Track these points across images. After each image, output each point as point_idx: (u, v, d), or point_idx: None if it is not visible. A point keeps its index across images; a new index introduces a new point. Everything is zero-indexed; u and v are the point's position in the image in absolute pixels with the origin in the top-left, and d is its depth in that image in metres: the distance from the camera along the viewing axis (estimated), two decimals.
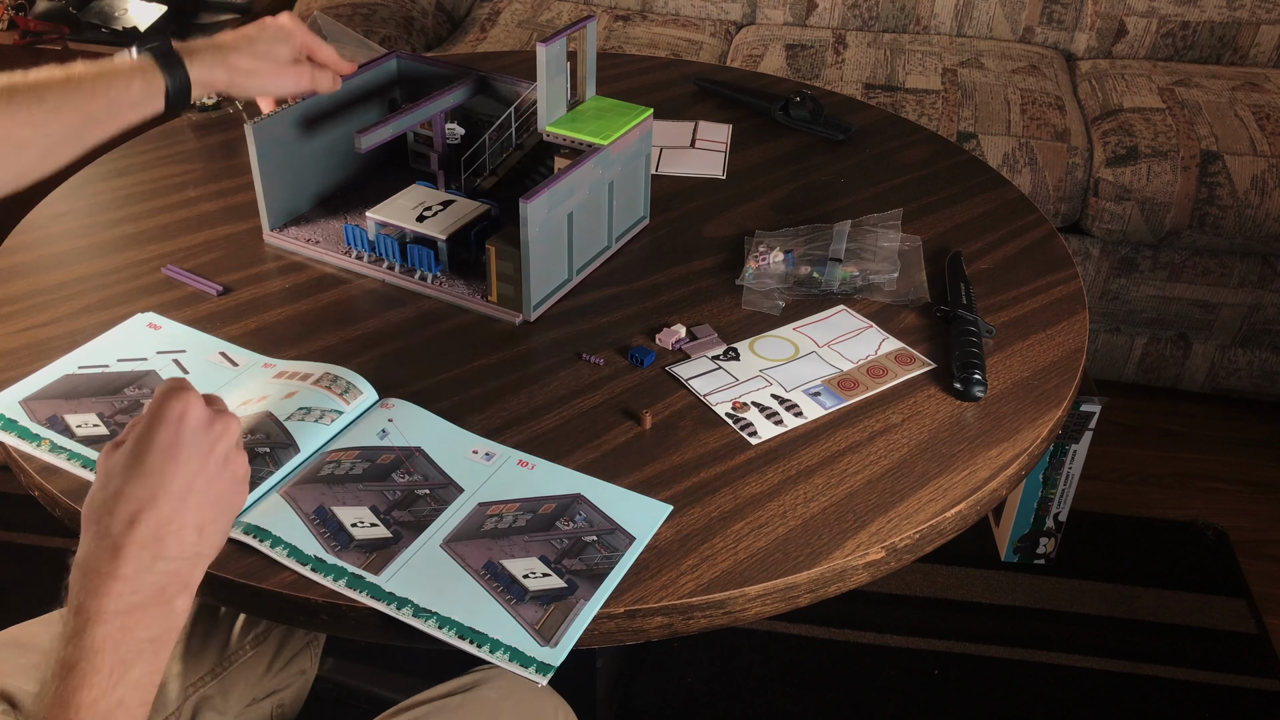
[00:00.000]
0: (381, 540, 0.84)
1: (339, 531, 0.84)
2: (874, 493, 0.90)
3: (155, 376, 0.99)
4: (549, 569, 0.82)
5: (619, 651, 1.61)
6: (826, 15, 2.59)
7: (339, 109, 1.24)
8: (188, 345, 1.04)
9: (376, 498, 0.87)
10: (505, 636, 0.77)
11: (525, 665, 0.75)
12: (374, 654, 1.61)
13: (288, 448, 0.90)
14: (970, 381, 0.99)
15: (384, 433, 0.94)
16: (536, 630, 0.78)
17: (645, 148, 1.19)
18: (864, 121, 1.51)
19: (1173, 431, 2.22)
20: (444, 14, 2.57)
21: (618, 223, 1.19)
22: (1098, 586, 1.86)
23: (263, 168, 1.17)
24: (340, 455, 0.91)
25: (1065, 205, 2.09)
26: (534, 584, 0.81)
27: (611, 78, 1.64)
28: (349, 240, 1.17)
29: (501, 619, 0.78)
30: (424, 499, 0.88)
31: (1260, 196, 2.00)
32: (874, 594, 1.83)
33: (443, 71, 1.30)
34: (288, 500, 0.87)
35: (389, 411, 0.96)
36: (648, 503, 0.88)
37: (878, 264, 1.17)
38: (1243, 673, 1.72)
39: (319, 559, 0.82)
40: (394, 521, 0.86)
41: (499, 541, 0.84)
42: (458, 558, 0.83)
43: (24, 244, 1.21)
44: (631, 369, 1.03)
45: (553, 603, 0.80)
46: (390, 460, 0.91)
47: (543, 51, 1.09)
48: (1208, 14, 2.41)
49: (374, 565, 0.82)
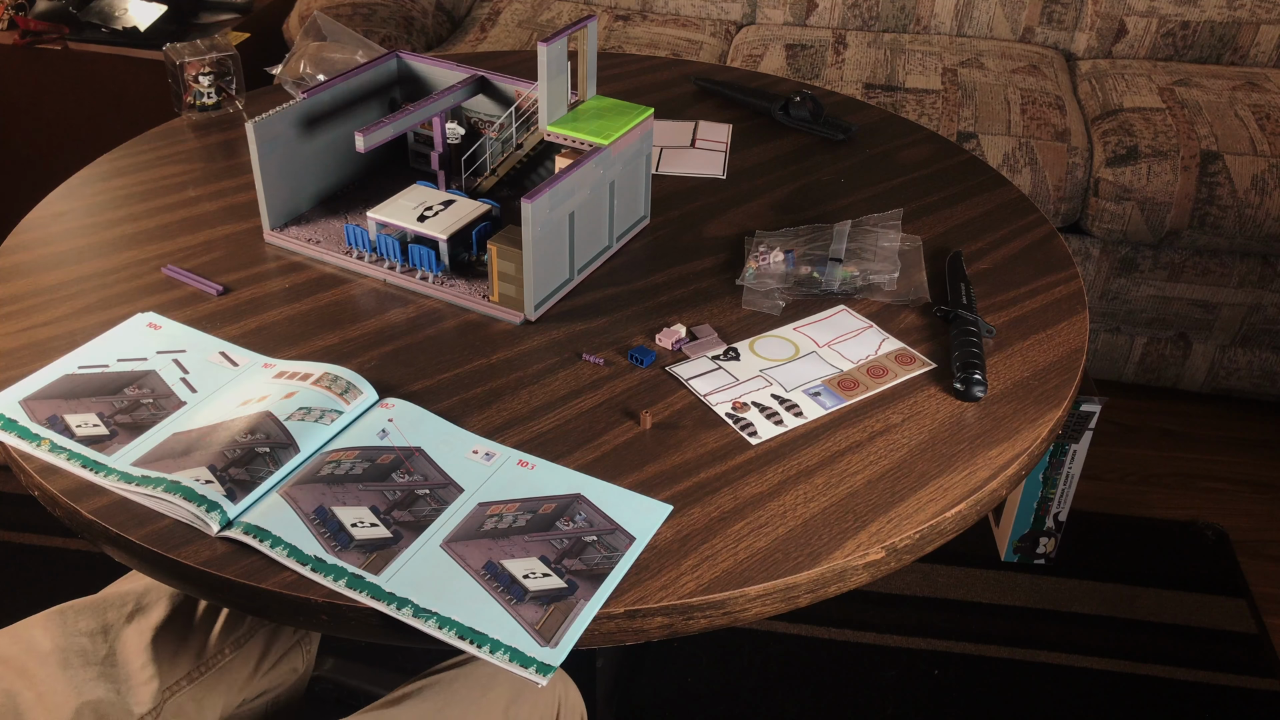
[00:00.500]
0: (381, 540, 0.84)
1: (339, 531, 0.84)
2: (874, 493, 0.90)
3: (155, 376, 0.99)
4: (549, 569, 0.82)
5: (619, 651, 1.61)
6: (826, 15, 2.59)
7: (339, 109, 1.25)
8: (187, 345, 1.04)
9: (376, 498, 0.87)
10: (505, 637, 0.77)
11: (525, 665, 0.75)
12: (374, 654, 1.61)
13: (287, 447, 0.90)
14: (970, 381, 0.99)
15: (384, 433, 0.94)
16: (537, 630, 0.78)
17: (646, 147, 1.19)
18: (864, 121, 1.51)
19: (1173, 431, 2.22)
20: (444, 14, 2.57)
21: (619, 222, 1.19)
22: (1098, 586, 1.86)
23: (263, 167, 1.17)
24: (340, 455, 0.91)
25: (1065, 205, 2.09)
26: (534, 584, 0.81)
27: (611, 78, 1.64)
28: (350, 240, 1.17)
29: (502, 619, 0.78)
30: (424, 499, 0.88)
31: (1260, 196, 2.00)
32: (874, 594, 1.83)
33: (442, 71, 1.30)
34: (287, 500, 0.86)
35: (389, 411, 0.96)
36: (648, 503, 0.88)
37: (878, 264, 1.17)
38: (1243, 673, 1.72)
39: (319, 559, 0.82)
40: (394, 521, 0.86)
41: (499, 541, 0.84)
42: (458, 558, 0.83)
43: (24, 244, 1.21)
44: (631, 369, 1.03)
45: (553, 603, 0.80)
46: (390, 460, 0.91)
47: (544, 51, 1.09)
48: (1208, 14, 2.41)
49: (374, 565, 0.82)
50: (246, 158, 1.39)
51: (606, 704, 1.57)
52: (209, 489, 0.85)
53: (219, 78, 1.45)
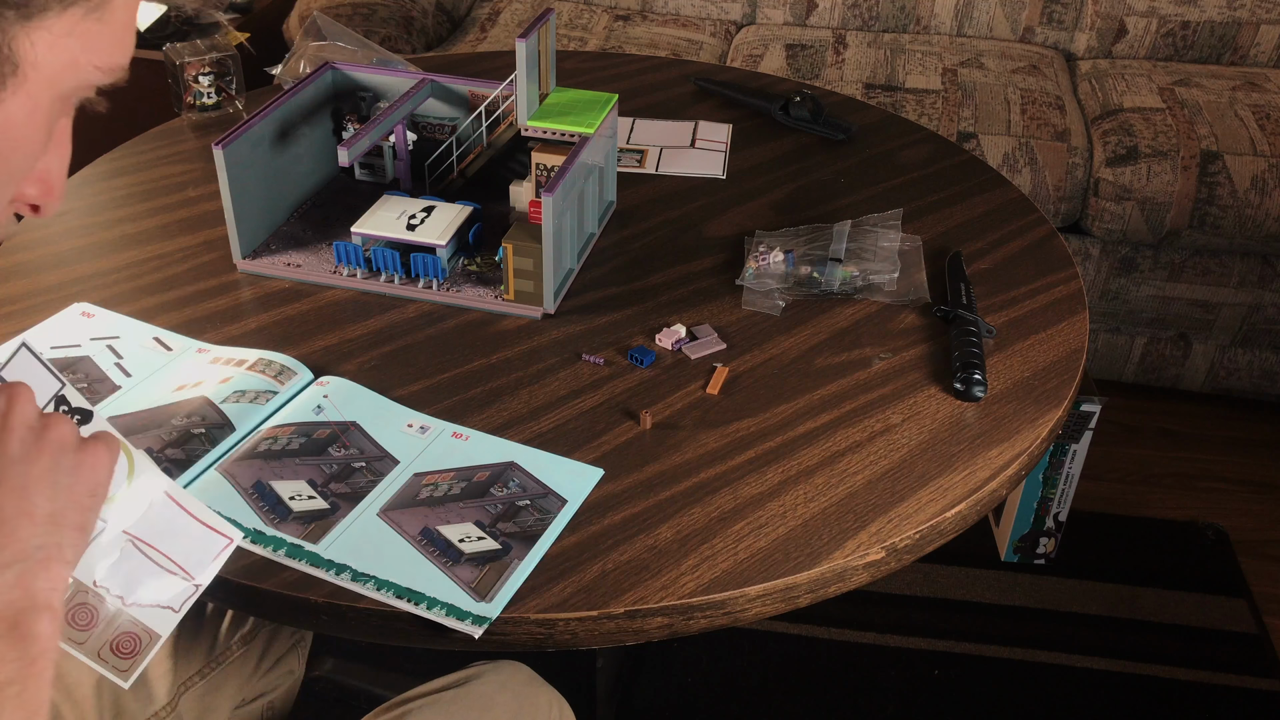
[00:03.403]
0: (319, 512, 0.86)
1: (277, 504, 0.86)
2: (874, 493, 0.90)
3: (89, 362, 1.01)
4: (484, 533, 0.84)
5: (619, 652, 1.61)
6: (826, 15, 2.58)
7: (283, 131, 1.20)
8: (121, 332, 1.05)
9: (314, 471, 0.89)
10: (442, 595, 0.79)
11: (462, 619, 0.78)
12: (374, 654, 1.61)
13: (223, 427, 0.92)
14: (970, 381, 0.99)
15: (319, 409, 0.96)
16: (472, 589, 0.80)
17: (613, 133, 1.22)
18: (864, 121, 1.51)
19: (1173, 431, 2.22)
20: (444, 14, 2.57)
21: (597, 208, 1.22)
22: (1098, 586, 1.86)
23: (234, 192, 1.12)
24: (277, 432, 0.93)
25: (1065, 205, 2.09)
26: (469, 547, 0.83)
27: (611, 78, 1.64)
28: (341, 258, 1.13)
29: (438, 579, 0.81)
30: (360, 471, 0.90)
31: (1260, 196, 2.00)
32: (874, 594, 1.83)
33: (382, 78, 1.28)
34: (225, 476, 0.88)
35: (324, 389, 0.98)
36: (579, 467, 0.91)
37: (878, 264, 1.17)
38: (1243, 673, 1.72)
39: (258, 531, 0.84)
40: (331, 494, 0.88)
41: (435, 509, 0.87)
42: (395, 525, 0.85)
43: (24, 244, 1.21)
44: (631, 369, 1.03)
45: (488, 563, 0.82)
46: (326, 435, 0.93)
47: (522, 48, 1.09)
48: (1208, 14, 2.41)
49: (312, 535, 0.84)
50: None
51: (606, 704, 1.57)
52: None
53: (219, 78, 1.45)
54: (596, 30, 2.50)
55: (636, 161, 1.40)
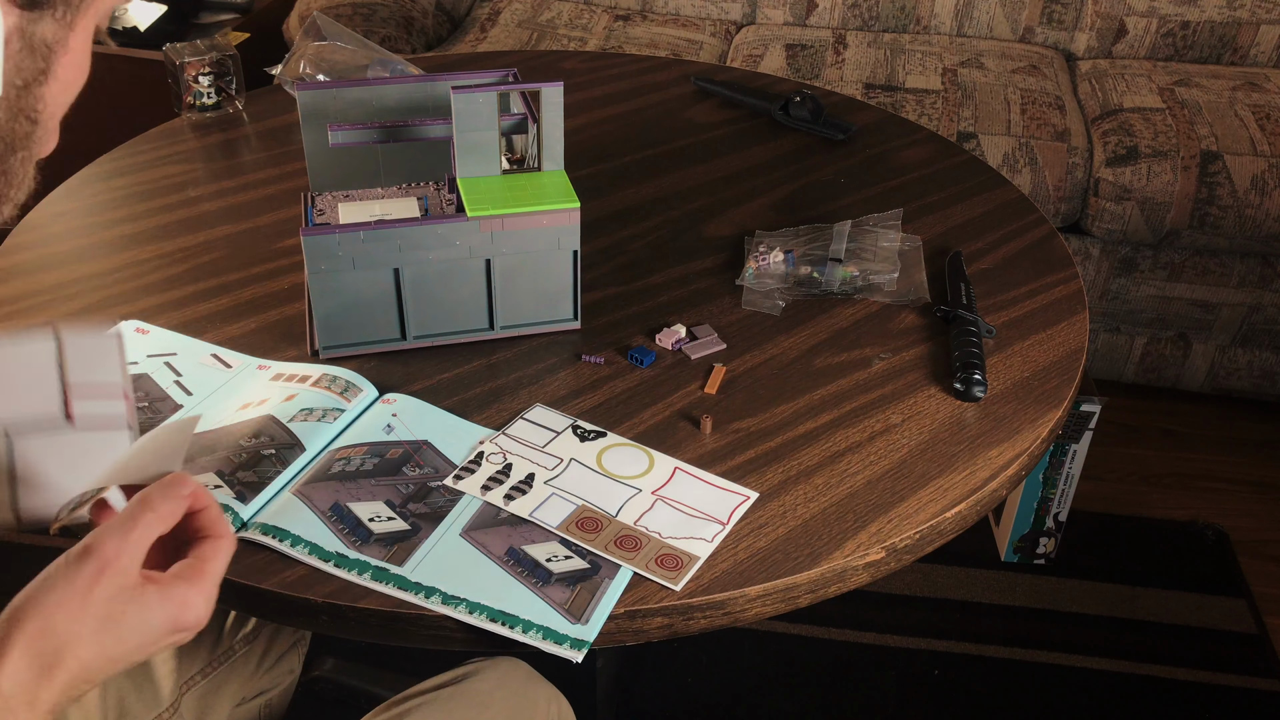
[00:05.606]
0: (401, 533, 0.85)
1: (357, 527, 0.85)
2: (874, 493, 0.90)
3: (149, 380, 0.99)
4: (570, 553, 0.84)
5: (619, 652, 1.61)
6: (826, 15, 2.58)
7: None
8: (178, 349, 1.04)
9: (390, 492, 0.88)
10: (536, 617, 0.79)
11: (560, 643, 0.77)
12: (374, 654, 1.61)
13: (293, 447, 0.90)
14: (970, 382, 0.99)
15: (389, 428, 0.94)
16: (566, 610, 0.79)
17: (567, 242, 1.02)
18: (864, 121, 1.51)
19: (1173, 431, 2.22)
20: (444, 14, 2.57)
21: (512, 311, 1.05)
22: (1098, 586, 1.86)
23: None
24: (349, 452, 0.91)
25: (1065, 205, 2.09)
26: (557, 566, 0.83)
27: (611, 78, 1.64)
28: None
29: (530, 601, 0.80)
30: (437, 490, 0.89)
31: (1260, 196, 2.00)
32: (874, 594, 1.83)
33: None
34: (301, 499, 0.87)
35: (391, 407, 0.97)
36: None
37: (878, 264, 1.17)
38: (1243, 673, 1.72)
39: (341, 554, 0.83)
40: (411, 514, 0.86)
41: (517, 528, 0.86)
42: (479, 546, 0.84)
43: (24, 244, 1.21)
44: (631, 369, 1.03)
45: (578, 583, 0.81)
46: (399, 455, 0.92)
47: (455, 100, 0.98)
48: (1208, 14, 2.41)
49: (396, 557, 0.83)
50: (247, 157, 1.39)
51: (606, 704, 1.57)
52: (219, 493, 0.85)
53: (219, 78, 1.44)
54: (596, 30, 2.50)
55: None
